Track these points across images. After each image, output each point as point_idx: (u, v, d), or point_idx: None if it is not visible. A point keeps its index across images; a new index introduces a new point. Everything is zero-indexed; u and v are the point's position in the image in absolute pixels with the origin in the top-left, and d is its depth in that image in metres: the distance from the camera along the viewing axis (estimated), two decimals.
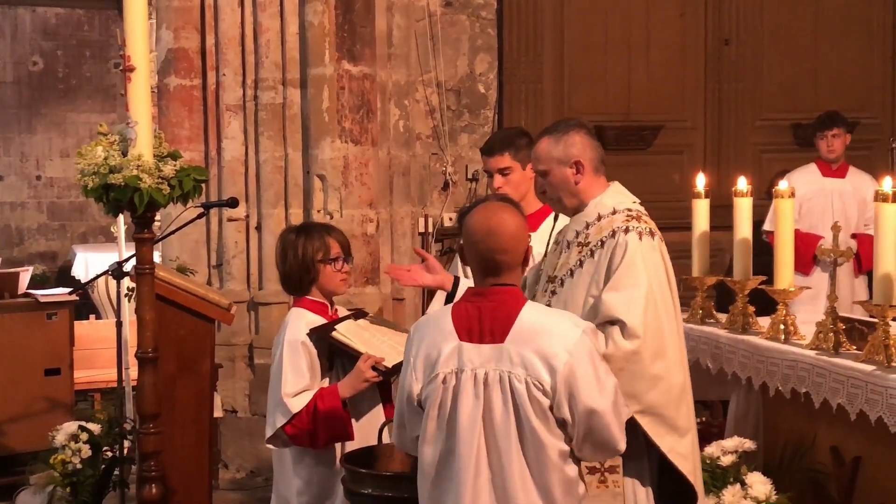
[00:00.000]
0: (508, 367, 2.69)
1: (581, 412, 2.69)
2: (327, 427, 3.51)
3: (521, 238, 2.81)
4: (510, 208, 2.85)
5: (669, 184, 6.98)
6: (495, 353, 2.71)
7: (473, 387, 2.71)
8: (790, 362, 3.95)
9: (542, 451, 2.69)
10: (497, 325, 2.73)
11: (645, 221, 3.19)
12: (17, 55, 11.47)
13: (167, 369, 4.31)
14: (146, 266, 3.74)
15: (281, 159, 6.33)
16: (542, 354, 2.69)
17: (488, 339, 2.73)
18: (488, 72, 6.99)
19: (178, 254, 6.29)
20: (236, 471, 6.40)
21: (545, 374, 2.67)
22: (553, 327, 2.74)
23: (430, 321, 2.88)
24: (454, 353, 2.74)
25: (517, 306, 2.76)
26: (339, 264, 3.68)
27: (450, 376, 2.74)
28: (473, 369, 2.72)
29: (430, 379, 2.76)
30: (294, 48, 6.26)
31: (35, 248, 11.56)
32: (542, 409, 2.68)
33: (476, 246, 2.80)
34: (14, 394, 5.96)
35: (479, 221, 2.81)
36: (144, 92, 3.62)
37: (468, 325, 2.75)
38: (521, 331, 2.72)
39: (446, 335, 2.77)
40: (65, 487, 4.74)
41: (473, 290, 2.85)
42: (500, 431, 2.68)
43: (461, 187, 6.98)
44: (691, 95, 7.12)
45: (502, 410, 2.69)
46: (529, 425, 2.68)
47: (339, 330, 3.61)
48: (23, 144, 11.50)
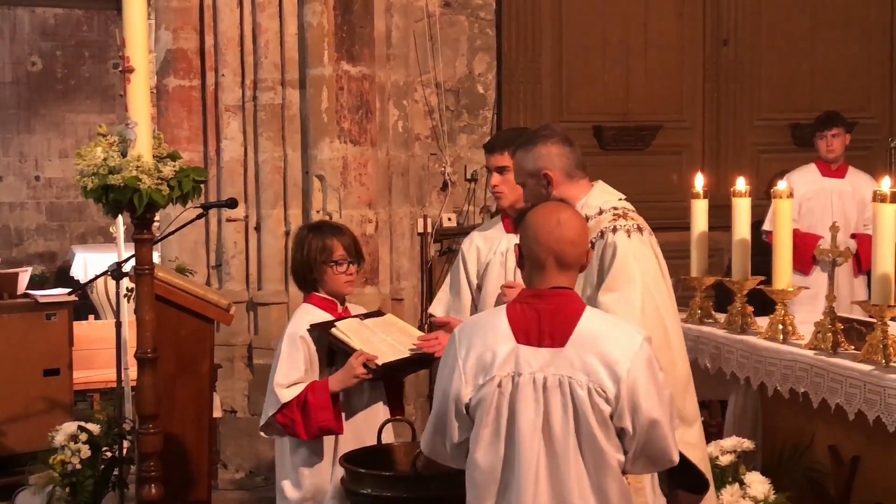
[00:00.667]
0: (569, 373, 2.59)
1: (643, 423, 2.59)
2: (316, 419, 3.56)
3: (586, 234, 2.76)
4: (574, 209, 2.82)
5: (668, 184, 6.98)
6: (555, 358, 2.61)
7: (533, 391, 2.60)
8: (788, 362, 3.96)
9: (602, 460, 2.60)
10: (557, 328, 2.63)
11: (632, 218, 3.20)
12: (16, 55, 11.47)
13: (166, 370, 4.32)
14: (145, 266, 3.75)
15: (280, 160, 6.33)
16: (606, 361, 2.59)
17: (547, 342, 2.62)
18: (487, 72, 7.00)
19: (178, 254, 6.29)
20: (235, 471, 6.40)
21: (608, 381, 2.57)
22: (615, 333, 2.65)
23: (481, 322, 2.77)
24: (511, 356, 2.63)
25: (578, 310, 2.67)
26: (343, 267, 3.71)
27: (506, 380, 2.62)
28: (532, 373, 2.60)
29: (485, 382, 2.63)
30: (293, 49, 6.26)
31: (34, 248, 11.57)
32: (603, 418, 2.58)
33: (543, 239, 2.69)
34: (13, 394, 5.96)
35: (546, 215, 2.73)
36: (144, 93, 3.63)
37: (526, 328, 2.64)
38: (582, 335, 2.62)
39: (502, 337, 2.65)
40: (64, 488, 4.73)
41: (530, 291, 2.73)
42: (560, 438, 2.59)
43: (460, 188, 6.98)
44: (689, 96, 7.12)
45: (562, 417, 2.59)
46: (590, 433, 2.58)
47: (338, 327, 3.64)
48: (21, 145, 11.50)
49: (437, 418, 2.76)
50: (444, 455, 2.80)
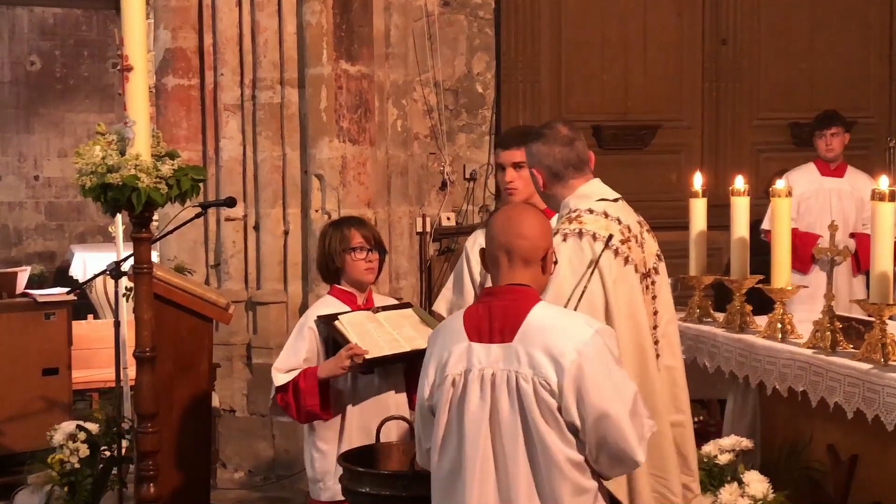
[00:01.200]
0: (516, 367, 2.58)
1: (591, 415, 2.54)
2: (305, 403, 3.67)
3: (540, 230, 2.72)
4: (534, 209, 2.82)
5: (667, 183, 6.98)
6: (504, 353, 2.60)
7: (480, 387, 2.60)
8: (787, 361, 3.95)
9: (550, 457, 2.55)
10: (507, 323, 2.62)
11: (580, 222, 3.13)
12: (15, 55, 11.47)
13: (165, 369, 4.32)
14: (144, 266, 3.75)
15: (279, 159, 6.33)
16: (550, 353, 2.56)
17: (497, 338, 2.62)
18: (486, 71, 7.00)
19: (176, 253, 6.29)
20: (234, 470, 6.40)
21: (552, 372, 2.55)
22: (563, 325, 2.63)
23: (445, 325, 2.80)
24: (464, 354, 2.63)
25: (528, 305, 2.65)
26: (362, 254, 3.81)
27: (458, 378, 2.63)
28: (481, 369, 2.60)
29: (440, 382, 2.65)
30: (292, 48, 6.26)
31: (33, 247, 11.56)
32: (550, 411, 2.54)
33: (494, 235, 2.72)
34: (12, 394, 5.96)
35: (500, 214, 2.78)
36: (142, 92, 3.63)
37: (478, 325, 2.65)
38: (530, 329, 2.60)
39: (457, 336, 2.67)
40: (63, 487, 4.73)
41: (486, 289, 2.77)
42: (507, 435, 2.56)
43: (459, 187, 6.98)
44: (689, 95, 7.12)
45: (509, 412, 2.57)
46: (536, 428, 2.55)
47: (341, 320, 3.70)
48: (21, 144, 11.50)
49: (417, 426, 2.80)
50: (427, 462, 2.78)
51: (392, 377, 3.81)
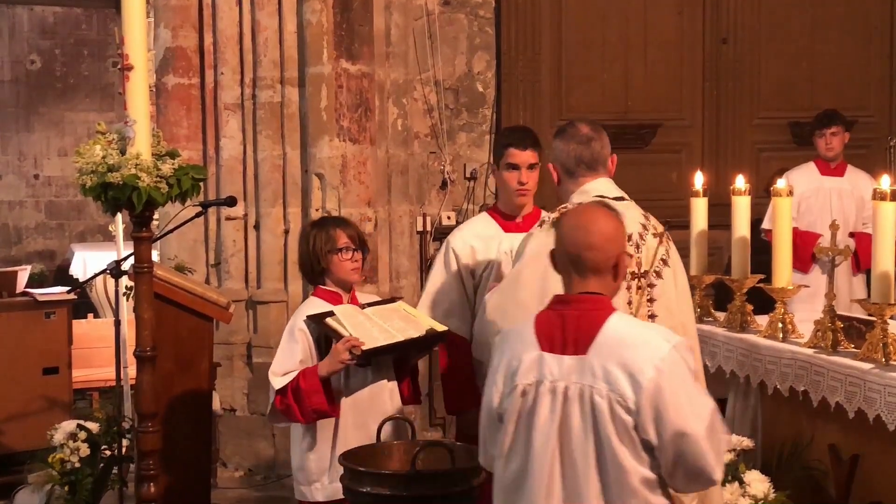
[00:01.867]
0: (590, 381, 2.48)
1: (668, 433, 2.44)
2: (309, 403, 3.65)
3: (612, 239, 2.60)
4: (607, 210, 2.67)
5: (667, 182, 6.97)
6: (577, 366, 2.50)
7: (551, 400, 2.51)
8: (788, 360, 3.95)
9: (623, 475, 2.46)
10: (581, 335, 2.52)
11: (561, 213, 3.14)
12: (15, 54, 11.46)
13: (165, 368, 4.32)
14: (145, 265, 3.75)
15: (279, 158, 6.33)
16: (627, 369, 2.46)
17: (570, 349, 2.52)
18: (486, 70, 6.99)
19: (177, 252, 6.29)
20: (234, 469, 6.39)
21: (629, 389, 2.45)
22: (640, 340, 2.52)
23: (515, 330, 2.69)
24: (535, 364, 2.54)
25: (603, 316, 2.54)
26: (348, 254, 3.80)
27: (529, 388, 2.54)
28: (553, 381, 2.51)
29: (510, 390, 2.56)
30: (292, 47, 6.26)
31: (33, 246, 11.56)
32: (625, 429, 2.45)
33: (568, 244, 2.60)
34: (12, 393, 5.95)
35: (570, 218, 2.65)
36: (143, 91, 3.63)
37: (550, 334, 2.55)
38: (605, 342, 2.50)
39: (528, 344, 2.57)
40: (63, 486, 4.73)
41: (558, 297, 2.64)
42: (578, 451, 2.47)
43: (459, 186, 6.97)
44: (689, 94, 7.11)
45: (580, 428, 2.47)
46: (610, 446, 2.46)
47: (333, 316, 3.70)
48: (21, 143, 11.49)
49: (481, 430, 2.72)
50: (490, 465, 2.73)
51: (383, 370, 3.81)
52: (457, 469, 3.17)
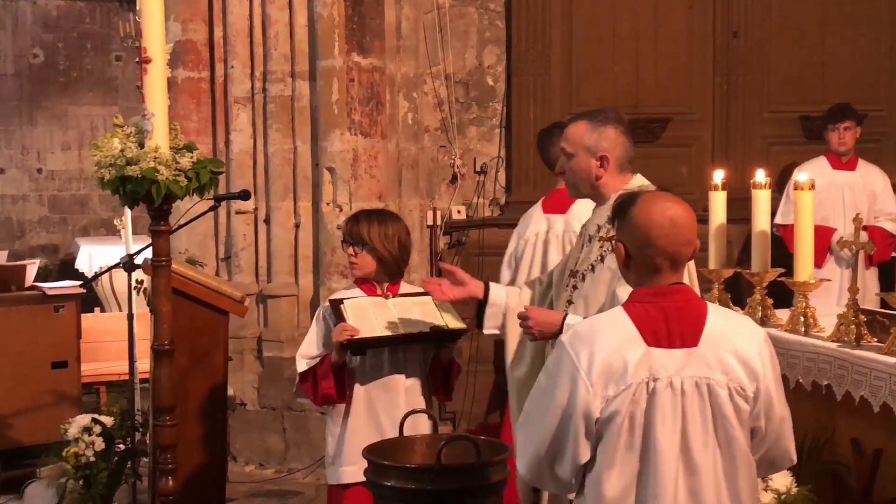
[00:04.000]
0: (706, 373, 2.42)
1: (776, 421, 2.47)
2: (320, 387, 3.75)
3: (696, 227, 2.58)
4: (681, 200, 2.61)
5: (677, 176, 6.95)
6: (689, 358, 2.42)
7: (672, 397, 2.41)
8: (811, 355, 3.94)
9: (745, 465, 2.45)
10: (686, 326, 2.45)
11: None
12: (18, 47, 11.42)
13: (180, 362, 4.29)
14: (163, 258, 3.72)
15: (290, 152, 6.31)
16: (741, 358, 2.43)
17: (678, 342, 2.43)
18: (496, 64, 6.97)
19: (187, 246, 6.26)
20: (245, 463, 6.39)
21: (746, 379, 2.43)
22: (740, 327, 2.51)
23: (598, 326, 2.52)
24: (644, 361, 2.42)
25: (702, 305, 2.51)
26: (349, 249, 3.86)
27: (640, 388, 2.41)
28: (669, 377, 2.41)
29: (619, 392, 2.41)
30: (303, 40, 6.24)
31: (36, 240, 11.53)
32: (743, 419, 2.43)
33: (659, 243, 2.49)
34: (21, 387, 5.94)
35: (659, 214, 2.51)
36: (161, 84, 3.60)
37: (654, 328, 2.44)
38: (714, 332, 2.45)
39: (629, 341, 2.44)
40: (78, 480, 4.71)
41: (650, 290, 2.52)
42: (698, 448, 2.40)
43: (469, 180, 6.96)
44: (699, 88, 7.08)
45: (701, 423, 2.41)
46: (732, 437, 2.42)
47: (345, 303, 3.75)
48: (24, 137, 11.45)
49: (551, 440, 2.48)
50: (554, 481, 2.54)
51: (403, 363, 3.82)
52: (483, 463, 3.14)
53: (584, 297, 3.29)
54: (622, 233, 2.56)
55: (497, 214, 6.99)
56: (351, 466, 3.78)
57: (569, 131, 3.30)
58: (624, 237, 2.55)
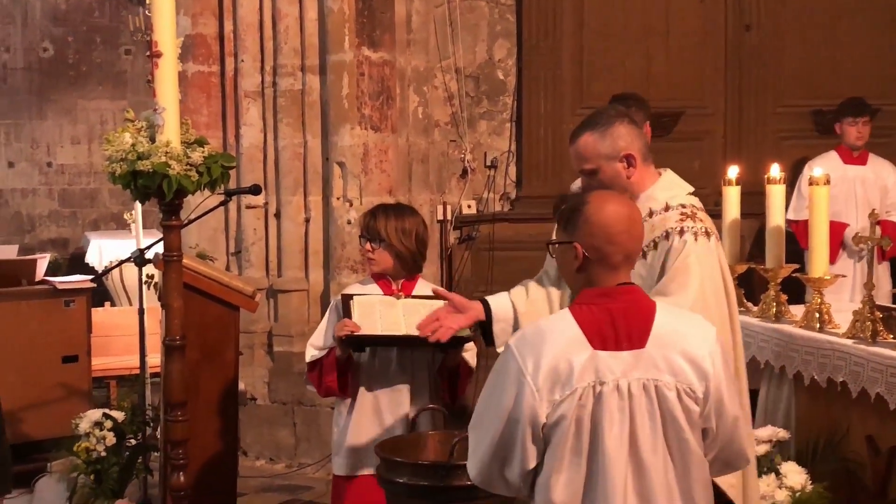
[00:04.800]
0: (654, 374, 2.37)
1: (727, 422, 2.43)
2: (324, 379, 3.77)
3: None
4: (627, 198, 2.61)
5: (689, 171, 6.79)
6: (636, 360, 2.38)
7: (619, 400, 2.36)
8: (826, 351, 3.91)
9: (695, 467, 2.41)
10: (633, 327, 2.40)
11: (700, 220, 2.99)
12: (28, 41, 11.41)
13: (191, 356, 4.27)
14: (174, 253, 3.71)
15: (300, 146, 6.29)
16: (690, 357, 2.40)
17: (625, 344, 2.39)
18: (507, 58, 6.95)
19: (197, 241, 6.26)
20: (256, 458, 6.38)
21: (696, 379, 2.39)
22: (689, 327, 2.47)
23: (543, 330, 2.46)
24: (590, 364, 2.37)
25: (650, 305, 2.46)
26: (365, 244, 3.85)
27: (586, 392, 2.37)
28: (616, 380, 2.36)
29: (564, 397, 2.36)
30: (313, 34, 6.22)
31: (46, 234, 11.53)
32: (692, 420, 2.39)
33: (619, 240, 2.47)
34: (32, 381, 5.94)
35: (616, 211, 2.49)
36: (172, 78, 3.58)
37: (600, 330, 2.40)
38: (661, 332, 2.41)
39: (575, 344, 2.39)
40: (89, 475, 4.71)
41: (596, 291, 2.48)
42: (647, 450, 2.37)
43: (480, 174, 6.94)
44: (711, 82, 7.06)
45: (649, 426, 2.37)
46: (682, 438, 2.38)
47: (355, 299, 3.75)
48: (34, 131, 11.45)
49: (497, 444, 2.44)
50: (505, 484, 2.50)
51: (409, 363, 3.82)
52: None
53: None
54: (578, 234, 2.50)
55: (508, 209, 6.97)
56: (352, 459, 3.81)
57: (579, 149, 3.10)
58: (580, 238, 2.49)
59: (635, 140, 3.06)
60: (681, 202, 3.03)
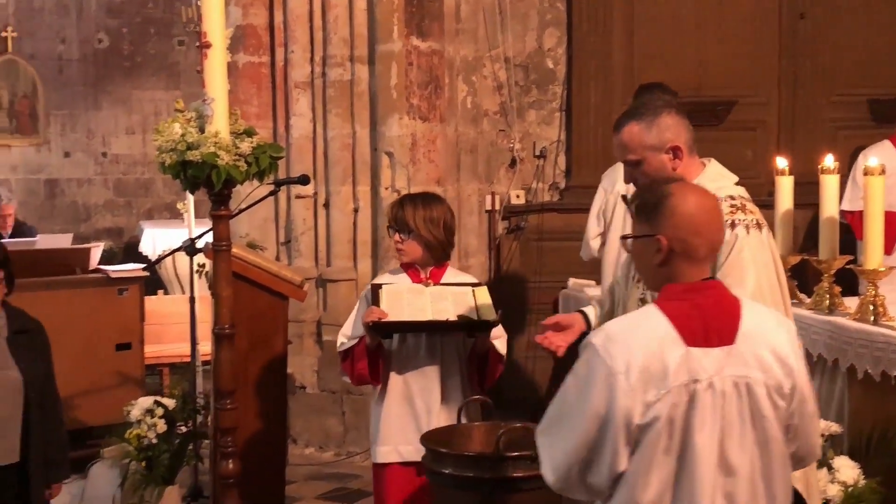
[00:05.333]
0: (745, 371, 2.30)
1: (808, 417, 2.39)
2: (356, 366, 3.82)
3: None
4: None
5: (742, 161, 6.79)
6: (727, 357, 2.31)
7: (712, 399, 2.29)
8: (881, 345, 3.83)
9: (779, 464, 2.36)
10: (723, 323, 2.33)
11: (750, 211, 2.93)
12: (83, 33, 11.57)
13: (240, 345, 4.32)
14: (223, 243, 3.74)
15: (349, 136, 6.31)
16: (777, 354, 2.33)
17: (715, 341, 2.31)
18: (557, 47, 6.90)
19: (247, 230, 6.31)
20: (304, 446, 6.43)
21: (783, 375, 2.33)
22: (774, 321, 2.41)
23: (632, 327, 2.37)
24: (683, 363, 2.28)
25: (736, 301, 2.39)
26: (394, 235, 3.88)
27: (681, 390, 2.28)
28: (709, 378, 2.29)
29: (659, 397, 2.27)
30: (362, 24, 6.22)
31: (101, 223, 11.70)
32: (780, 417, 2.34)
33: (705, 231, 2.39)
34: (86, 368, 6.02)
35: (702, 202, 2.41)
36: (221, 68, 3.60)
37: (691, 327, 2.30)
38: (750, 328, 2.34)
39: (667, 342, 2.30)
40: (140, 462, 4.77)
41: (682, 286, 2.38)
42: (735, 446, 2.31)
43: (528, 164, 6.91)
44: (765, 70, 6.95)
45: (738, 422, 2.31)
46: (769, 436, 2.33)
47: (383, 289, 3.78)
48: (89, 121, 11.62)
49: (583, 448, 2.33)
50: (584, 489, 2.39)
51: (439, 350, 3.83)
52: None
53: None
54: (662, 226, 2.39)
55: (557, 199, 6.93)
56: (386, 447, 3.83)
57: (623, 139, 3.03)
58: (665, 230, 2.38)
59: (682, 131, 3.00)
60: (729, 193, 2.97)
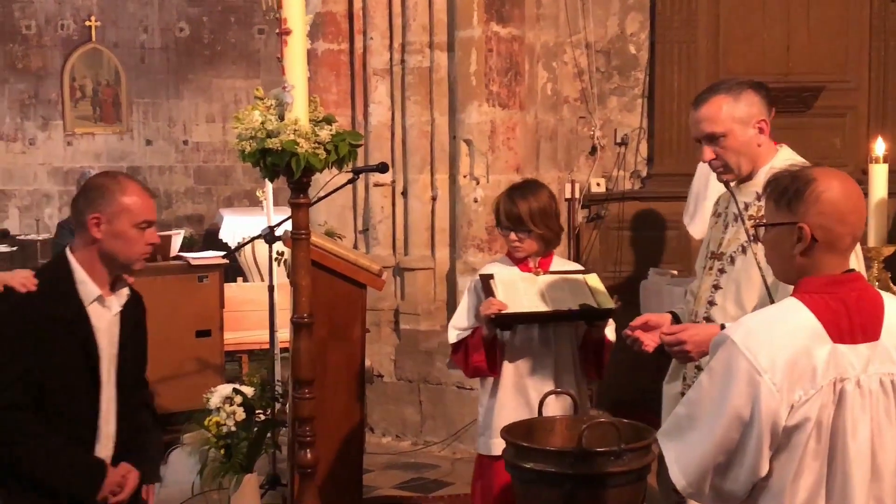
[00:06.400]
0: (890, 368, 2.21)
1: None
2: (472, 359, 3.74)
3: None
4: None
5: (830, 148, 6.63)
6: (872, 353, 2.20)
7: (861, 399, 2.19)
8: None
9: None
10: (868, 318, 2.22)
11: None
12: (165, 22, 11.73)
13: (319, 334, 4.30)
14: (302, 231, 3.71)
15: (427, 124, 6.26)
16: None
17: (860, 337, 2.20)
18: (640, 32, 6.75)
19: (326, 218, 6.30)
20: (382, 435, 6.42)
21: None
22: None
23: (774, 322, 2.24)
24: (831, 360, 2.18)
25: (878, 294, 2.28)
26: (507, 234, 3.79)
27: (828, 390, 2.18)
28: (857, 376, 2.18)
29: (809, 397, 2.16)
30: (441, 10, 6.17)
31: (182, 210, 11.87)
32: None
33: (851, 219, 2.26)
34: (167, 355, 6.07)
35: (846, 189, 2.25)
36: (300, 55, 3.56)
37: (837, 322, 2.20)
38: (894, 322, 2.24)
39: (815, 337, 2.19)
40: (219, 449, 4.79)
41: (825, 279, 2.26)
42: (882, 447, 2.21)
43: (609, 152, 6.78)
44: (855, 55, 6.73)
45: (885, 422, 2.21)
46: None
47: (496, 278, 3.70)
48: (170, 110, 11.78)
49: (720, 451, 2.21)
50: (715, 493, 2.27)
51: (552, 339, 3.76)
52: (626, 448, 3.04)
53: (734, 280, 3.11)
54: (806, 213, 2.24)
55: (638, 187, 6.80)
56: (499, 439, 3.74)
57: (711, 110, 3.00)
58: (809, 218, 2.24)
59: (764, 109, 3.01)
60: None
